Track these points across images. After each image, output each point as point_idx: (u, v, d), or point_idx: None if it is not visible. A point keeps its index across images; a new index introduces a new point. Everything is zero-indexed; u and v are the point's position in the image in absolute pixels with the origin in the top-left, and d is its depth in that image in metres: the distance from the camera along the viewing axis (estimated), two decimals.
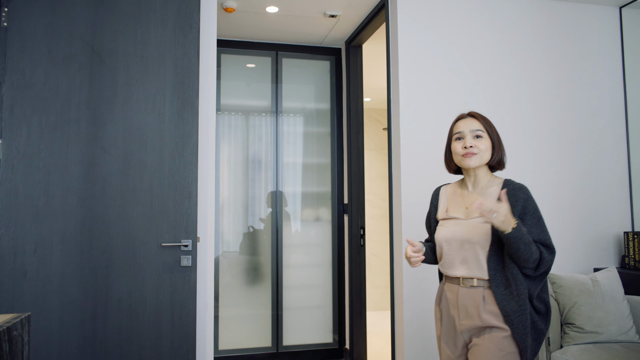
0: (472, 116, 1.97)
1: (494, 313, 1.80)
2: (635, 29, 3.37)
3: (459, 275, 1.89)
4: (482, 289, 1.84)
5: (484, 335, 1.81)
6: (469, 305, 1.85)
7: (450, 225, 1.94)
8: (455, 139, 1.97)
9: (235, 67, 4.17)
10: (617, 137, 3.37)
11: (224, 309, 3.95)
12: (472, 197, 1.94)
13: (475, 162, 1.90)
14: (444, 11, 3.16)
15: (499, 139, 1.95)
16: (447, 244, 1.92)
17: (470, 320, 1.85)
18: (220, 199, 4.04)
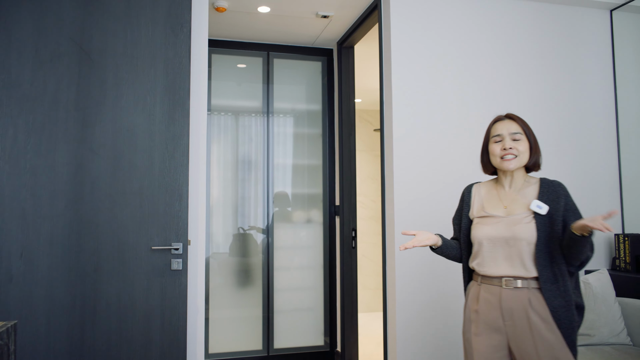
0: (510, 118, 1.99)
1: (540, 315, 1.81)
2: (626, 32, 3.38)
3: (501, 274, 1.88)
4: (527, 290, 1.84)
5: (533, 336, 1.80)
6: (514, 308, 1.85)
7: (491, 223, 1.94)
8: (493, 141, 1.99)
9: (226, 67, 4.13)
10: (607, 139, 3.38)
11: (214, 312, 3.91)
12: (511, 196, 1.96)
13: (515, 165, 1.93)
14: (438, 12, 3.15)
15: (536, 141, 1.98)
16: (490, 241, 1.92)
17: (516, 322, 1.84)
18: (210, 200, 4.00)
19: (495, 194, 2.02)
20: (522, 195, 1.95)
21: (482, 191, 2.06)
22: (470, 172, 3.11)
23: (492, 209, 1.98)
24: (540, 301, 1.82)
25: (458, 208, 2.14)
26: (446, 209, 3.05)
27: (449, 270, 3.01)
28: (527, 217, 1.88)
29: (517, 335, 1.84)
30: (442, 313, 2.98)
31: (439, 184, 3.05)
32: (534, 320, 1.80)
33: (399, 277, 2.95)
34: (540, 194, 1.91)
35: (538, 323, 1.80)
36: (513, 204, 1.95)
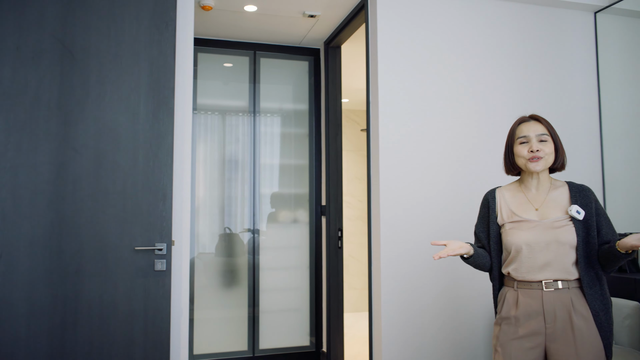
0: (535, 119, 1.99)
1: (583, 316, 1.83)
2: (609, 34, 3.42)
3: (542, 279, 1.87)
4: (568, 291, 1.86)
5: (575, 338, 1.81)
6: (557, 308, 1.85)
7: (527, 227, 1.92)
8: (519, 143, 1.97)
9: (212, 66, 4.09)
10: (591, 141, 3.42)
11: (199, 312, 3.88)
12: (540, 199, 1.96)
13: (542, 167, 1.93)
14: (424, 13, 3.15)
15: (561, 142, 1.98)
16: (529, 247, 1.89)
17: (557, 324, 1.84)
18: (197, 200, 3.96)
19: (522, 197, 2.00)
20: (551, 198, 1.95)
21: (507, 195, 2.03)
22: (456, 171, 3.12)
23: (524, 213, 1.96)
24: (582, 302, 1.85)
25: (481, 215, 2.10)
26: (432, 208, 3.05)
27: (433, 271, 3.02)
28: (565, 221, 1.89)
29: (558, 337, 1.84)
30: (428, 313, 2.99)
31: (425, 184, 3.05)
32: (576, 321, 1.82)
33: (384, 277, 2.95)
34: (573, 199, 1.93)
35: (580, 324, 1.82)
36: (545, 207, 1.94)
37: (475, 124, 3.19)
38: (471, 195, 3.12)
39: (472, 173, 3.14)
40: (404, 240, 3.00)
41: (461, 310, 3.05)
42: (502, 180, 3.15)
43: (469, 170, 3.14)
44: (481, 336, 3.07)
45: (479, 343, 3.06)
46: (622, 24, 3.37)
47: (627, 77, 3.32)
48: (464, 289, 3.06)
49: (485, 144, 3.19)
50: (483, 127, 3.20)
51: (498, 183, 3.14)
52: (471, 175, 3.14)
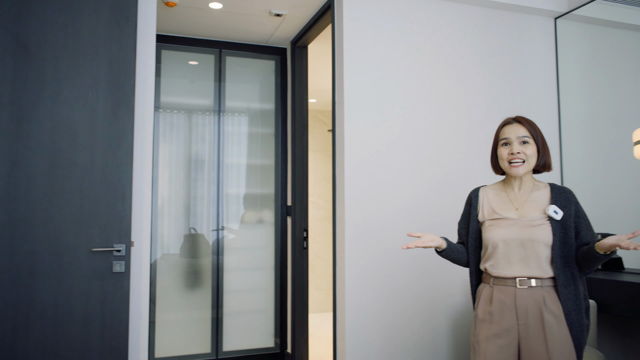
0: (518, 122, 2.01)
1: (554, 313, 1.86)
2: (569, 39, 3.51)
3: (515, 275, 1.91)
4: (541, 289, 1.89)
5: (545, 335, 1.85)
6: (529, 306, 1.88)
7: (506, 225, 1.96)
8: (501, 144, 2.01)
9: (176, 64, 4.02)
10: (550, 143, 3.49)
11: (161, 314, 3.80)
12: (521, 199, 2.00)
13: (524, 170, 1.96)
14: (389, 15, 3.17)
15: (544, 142, 2.00)
16: (505, 243, 1.93)
17: (529, 321, 1.88)
18: (160, 200, 3.88)
19: (504, 196, 2.04)
20: (532, 198, 1.99)
21: (490, 194, 2.08)
22: (421, 171, 3.14)
23: (504, 211, 2.00)
24: (554, 300, 1.88)
25: (464, 212, 2.14)
26: (397, 209, 3.07)
27: (398, 270, 3.04)
28: (542, 220, 1.93)
29: (530, 334, 1.88)
30: (392, 312, 3.01)
31: (390, 185, 3.07)
32: (547, 319, 1.86)
33: (348, 277, 2.95)
34: (553, 200, 1.96)
35: (551, 322, 1.85)
36: (525, 206, 1.98)
37: (440, 125, 3.23)
38: (436, 195, 3.16)
39: (437, 173, 3.18)
40: (369, 240, 3.00)
41: (425, 309, 3.07)
42: (470, 179, 3.20)
43: (434, 170, 3.17)
44: (444, 334, 3.10)
45: (442, 340, 3.09)
46: (580, 30, 3.46)
47: (584, 81, 3.41)
48: (427, 288, 3.08)
49: (449, 144, 3.23)
50: (447, 128, 3.24)
51: (464, 182, 3.19)
52: (437, 175, 3.17)
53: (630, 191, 3.14)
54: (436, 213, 3.15)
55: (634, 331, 3.02)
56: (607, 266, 3.09)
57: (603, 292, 2.82)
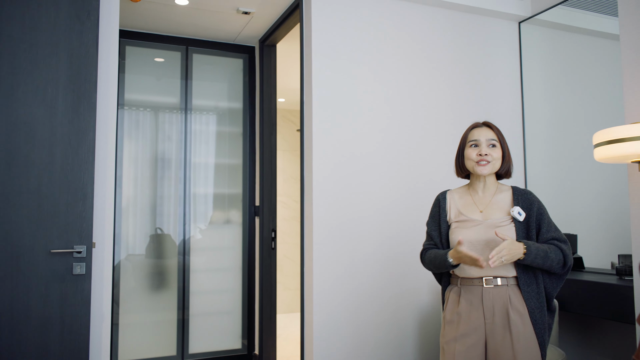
0: (487, 126, 2.08)
1: (519, 312, 1.92)
2: (532, 43, 3.59)
3: (482, 275, 1.96)
4: (507, 287, 1.94)
5: (511, 332, 1.89)
6: (495, 304, 1.93)
7: (470, 226, 2.01)
8: (470, 146, 2.06)
9: (142, 60, 3.93)
10: (515, 144, 3.57)
11: (125, 316, 3.71)
12: (485, 201, 2.06)
13: (489, 170, 2.02)
14: (358, 15, 3.17)
15: (509, 150, 2.08)
16: (470, 244, 1.98)
17: (495, 319, 1.92)
18: (126, 200, 3.79)
19: (469, 199, 2.09)
20: (496, 201, 2.05)
21: (456, 197, 2.13)
22: (389, 171, 3.16)
23: (469, 213, 2.05)
24: (519, 298, 1.93)
25: (433, 214, 2.16)
26: (365, 209, 3.08)
27: (365, 271, 3.04)
28: (506, 221, 1.99)
29: (496, 332, 1.92)
30: (360, 312, 3.01)
31: (358, 184, 3.07)
32: (512, 317, 1.90)
33: (317, 278, 2.94)
34: (515, 201, 2.03)
35: (516, 319, 1.90)
36: (489, 208, 2.04)
37: (408, 125, 3.25)
38: (405, 195, 3.18)
39: (406, 173, 3.20)
40: (337, 240, 3.00)
41: (392, 309, 3.09)
42: (438, 180, 3.23)
43: (403, 170, 3.19)
44: (411, 334, 3.12)
45: (409, 340, 3.11)
46: (543, 35, 3.54)
47: (547, 84, 3.49)
48: (395, 288, 3.10)
49: (418, 144, 3.26)
50: (416, 128, 3.26)
51: (433, 183, 3.22)
52: (405, 175, 3.19)
53: (591, 193, 3.23)
54: (404, 213, 3.17)
55: (593, 329, 3.11)
56: None
57: (564, 291, 2.89)
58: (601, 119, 3.12)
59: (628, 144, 2.16)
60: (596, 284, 2.71)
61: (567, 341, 3.23)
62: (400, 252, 3.12)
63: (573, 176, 3.33)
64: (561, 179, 3.40)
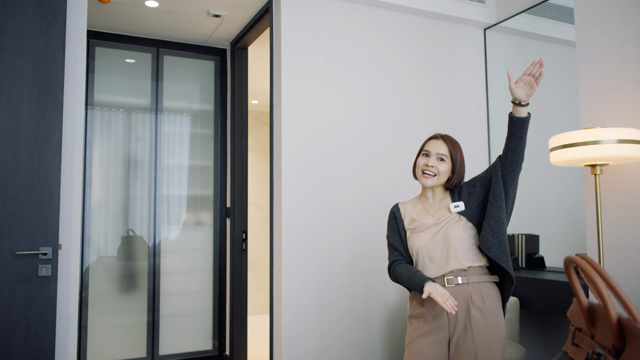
0: (443, 139, 2.14)
1: (480, 308, 1.98)
2: (497, 49, 3.69)
3: (442, 273, 2.02)
4: (467, 286, 2.01)
5: (472, 329, 1.96)
6: (457, 302, 1.97)
7: (423, 229, 2.10)
8: (422, 155, 2.15)
9: (112, 61, 3.91)
10: (480, 149, 3.67)
11: (95, 319, 3.69)
12: (436, 206, 2.14)
13: (432, 183, 2.10)
14: (328, 20, 3.22)
15: (462, 164, 2.13)
16: (426, 247, 2.06)
17: (458, 317, 1.98)
18: (97, 201, 3.77)
19: (421, 207, 2.18)
20: (444, 204, 2.14)
21: (409, 207, 2.21)
22: (358, 174, 3.22)
23: (422, 219, 2.14)
24: (479, 295, 2.00)
25: (391, 226, 2.22)
26: (335, 211, 3.13)
27: (334, 271, 3.09)
28: (455, 217, 2.08)
29: (458, 329, 1.99)
30: (328, 312, 3.06)
31: (327, 186, 3.12)
32: (473, 313, 1.97)
33: (286, 279, 2.98)
34: (456, 198, 2.12)
35: (477, 316, 1.97)
36: (439, 211, 2.13)
37: (377, 128, 3.32)
38: (373, 197, 3.24)
39: (374, 175, 3.26)
40: (306, 242, 3.04)
41: (360, 309, 3.14)
42: (404, 183, 3.30)
43: (371, 172, 3.25)
44: (379, 334, 3.18)
45: (376, 339, 3.18)
46: (507, 41, 3.65)
47: None
48: (363, 289, 3.16)
49: (386, 146, 3.32)
50: (384, 131, 3.33)
51: (399, 186, 3.29)
52: (373, 177, 3.26)
53: (552, 195, 3.34)
54: (373, 214, 3.23)
55: (553, 326, 3.22)
56: (529, 265, 3.28)
57: (525, 290, 2.99)
58: (560, 123, 3.24)
59: (581, 148, 2.26)
60: (555, 282, 2.82)
61: (527, 338, 3.34)
62: (368, 253, 3.18)
63: (535, 179, 3.44)
64: (524, 182, 3.51)
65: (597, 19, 2.60)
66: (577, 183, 2.98)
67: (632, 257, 2.40)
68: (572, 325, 0.91)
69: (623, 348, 0.68)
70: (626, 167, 2.44)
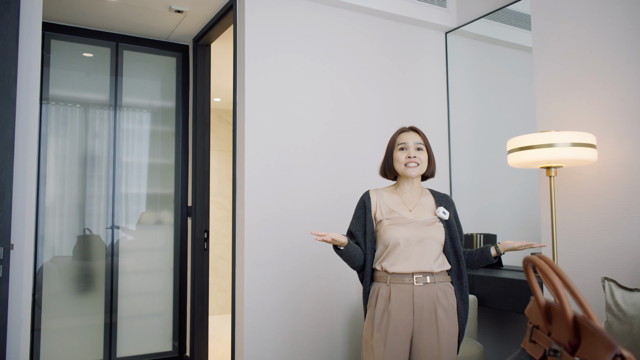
0: (414, 130, 2.20)
1: (445, 307, 2.03)
2: (458, 53, 3.77)
3: (413, 272, 2.03)
4: (434, 285, 2.05)
5: (437, 327, 2.00)
6: (424, 301, 2.02)
7: (404, 223, 2.10)
8: (398, 149, 2.16)
9: (69, 55, 3.79)
10: (441, 150, 3.74)
11: (49, 321, 3.56)
12: (413, 201, 2.17)
13: (417, 172, 2.14)
14: (290, 19, 3.22)
15: (433, 153, 2.21)
16: (406, 241, 2.06)
17: (424, 315, 2.01)
18: (52, 199, 3.64)
19: (398, 198, 2.19)
20: (422, 202, 2.18)
21: (385, 195, 2.20)
22: (319, 173, 3.22)
23: (401, 211, 2.14)
24: (444, 295, 2.05)
25: (358, 215, 2.19)
26: (298, 210, 3.13)
27: (297, 271, 3.09)
28: (435, 220, 2.13)
29: (423, 327, 2.01)
30: (290, 312, 3.05)
31: (290, 185, 3.12)
32: (439, 313, 2.02)
33: (248, 278, 2.96)
34: (438, 203, 2.19)
35: (442, 315, 2.02)
36: (417, 208, 2.15)
37: (339, 127, 3.33)
38: (334, 196, 3.25)
39: (336, 174, 3.27)
40: (268, 241, 3.03)
41: (322, 307, 3.15)
42: (365, 183, 3.33)
43: (333, 171, 3.27)
44: (341, 331, 3.20)
45: (338, 337, 3.19)
46: (468, 45, 3.74)
47: (470, 92, 3.69)
48: (324, 288, 3.17)
49: (348, 146, 3.34)
50: (346, 130, 3.35)
51: (361, 184, 3.32)
52: (335, 176, 3.27)
53: (509, 195, 3.44)
54: (335, 214, 3.25)
55: (509, 323, 3.32)
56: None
57: (483, 288, 3.07)
58: (518, 126, 3.34)
59: (537, 150, 2.33)
60: (512, 281, 2.90)
61: (485, 335, 3.43)
62: (330, 252, 3.19)
63: (493, 180, 3.53)
64: (482, 182, 3.60)
65: (552, 26, 2.70)
66: (533, 184, 3.08)
67: (583, 256, 2.50)
68: (529, 322, 0.94)
69: (579, 344, 0.70)
70: (579, 170, 2.54)
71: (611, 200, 2.39)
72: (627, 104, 2.36)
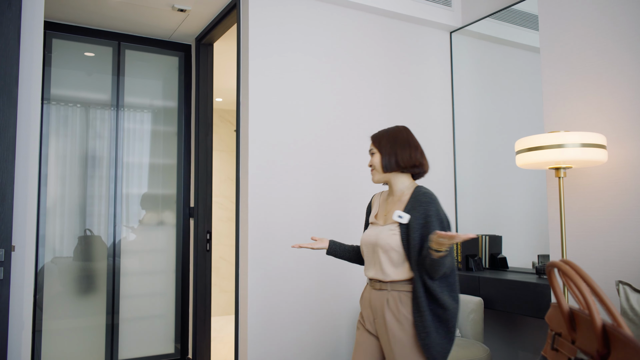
0: (371, 138, 2.17)
1: (394, 315, 1.96)
2: (462, 52, 3.74)
3: (371, 276, 2.07)
4: (386, 292, 2.00)
5: (387, 334, 1.96)
6: (377, 307, 2.02)
7: (371, 229, 2.13)
8: None
9: (71, 54, 3.76)
10: (445, 150, 3.71)
11: (50, 322, 3.53)
12: (392, 205, 2.10)
13: (376, 177, 2.13)
14: (294, 18, 3.19)
15: (393, 146, 2.05)
16: (365, 247, 2.11)
17: (378, 320, 2.01)
18: (52, 200, 3.61)
19: (385, 201, 2.17)
20: (399, 204, 2.04)
21: (380, 199, 2.21)
22: (323, 174, 3.19)
23: (380, 216, 2.13)
24: (396, 302, 1.96)
25: (366, 218, 2.27)
26: (301, 211, 3.09)
27: (300, 271, 3.06)
28: (392, 226, 2.01)
29: (380, 332, 2.02)
30: (294, 313, 3.02)
31: (294, 186, 3.09)
32: (388, 319, 1.97)
33: (251, 279, 2.93)
34: (409, 204, 1.99)
35: (392, 322, 1.96)
36: (390, 212, 2.07)
37: (342, 128, 3.30)
38: (339, 196, 3.22)
39: (340, 176, 3.24)
40: (272, 241, 3.00)
41: (326, 310, 3.12)
42: (370, 183, 3.30)
43: (337, 173, 3.24)
44: (344, 333, 3.17)
45: (342, 339, 3.16)
46: (473, 45, 3.70)
47: (475, 92, 3.65)
48: (328, 289, 3.14)
49: (352, 148, 3.31)
50: (350, 130, 3.32)
51: (366, 186, 3.28)
52: (339, 177, 3.24)
53: (515, 196, 3.41)
54: (339, 214, 3.21)
55: (516, 325, 3.28)
56: (492, 265, 3.33)
57: (489, 290, 3.03)
58: (524, 126, 3.30)
59: (546, 151, 2.30)
60: (518, 283, 2.87)
61: (491, 337, 3.39)
62: None
63: (499, 180, 3.50)
64: (488, 183, 3.57)
65: (560, 26, 2.66)
66: (540, 185, 3.05)
67: (593, 258, 2.46)
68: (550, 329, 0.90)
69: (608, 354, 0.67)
70: (589, 170, 2.51)
71: (622, 201, 2.36)
72: (637, 105, 2.33)
